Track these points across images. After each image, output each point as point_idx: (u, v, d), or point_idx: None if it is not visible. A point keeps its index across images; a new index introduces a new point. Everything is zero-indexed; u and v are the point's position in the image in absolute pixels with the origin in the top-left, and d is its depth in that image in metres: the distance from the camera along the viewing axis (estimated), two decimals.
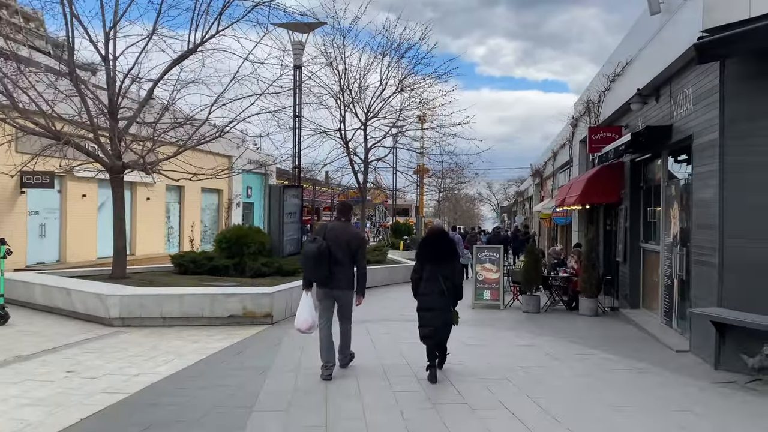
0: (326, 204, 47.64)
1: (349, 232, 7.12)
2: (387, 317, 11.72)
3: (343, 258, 6.93)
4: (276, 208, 17.12)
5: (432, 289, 7.01)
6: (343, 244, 6.92)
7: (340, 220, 7.31)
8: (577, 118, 17.62)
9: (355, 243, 7.03)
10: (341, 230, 7.06)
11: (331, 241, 6.88)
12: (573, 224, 18.32)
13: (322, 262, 6.80)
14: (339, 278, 6.95)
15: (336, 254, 6.87)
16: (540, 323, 11.29)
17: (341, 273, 6.94)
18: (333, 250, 6.86)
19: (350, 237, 7.04)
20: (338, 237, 6.94)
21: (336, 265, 6.89)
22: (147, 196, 25.82)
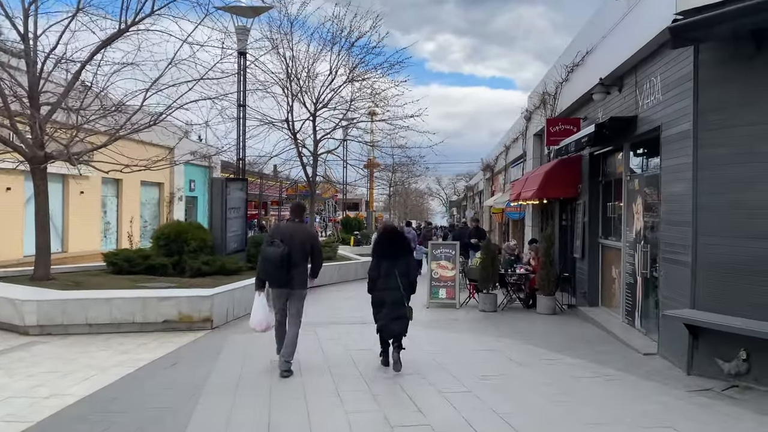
0: (274, 198, 46.43)
1: (303, 232, 7.24)
2: (337, 319, 10.98)
3: (299, 259, 7.05)
4: (218, 202, 16.10)
5: (388, 285, 7.22)
6: (298, 244, 7.03)
7: (293, 220, 7.42)
8: (532, 111, 17.23)
9: (309, 243, 7.20)
10: (295, 230, 7.18)
11: (288, 243, 6.96)
12: (527, 219, 17.97)
13: (283, 267, 6.91)
14: (294, 278, 7.09)
15: (293, 256, 6.97)
16: (499, 323, 10.76)
17: (297, 273, 7.09)
18: (291, 253, 6.94)
19: (305, 237, 7.18)
20: (293, 238, 7.04)
21: (292, 267, 7.00)
22: (81, 189, 24.27)
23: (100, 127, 13.34)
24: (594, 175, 11.76)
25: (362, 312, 11.77)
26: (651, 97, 8.38)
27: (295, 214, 7.50)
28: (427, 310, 12.30)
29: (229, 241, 16.17)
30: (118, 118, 12.85)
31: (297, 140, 19.39)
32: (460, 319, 11.30)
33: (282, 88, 18.88)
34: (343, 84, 19.51)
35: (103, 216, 26.61)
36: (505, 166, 24.02)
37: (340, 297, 14.45)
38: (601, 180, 11.64)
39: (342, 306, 12.90)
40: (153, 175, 30.52)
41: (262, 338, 9.22)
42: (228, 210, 16.15)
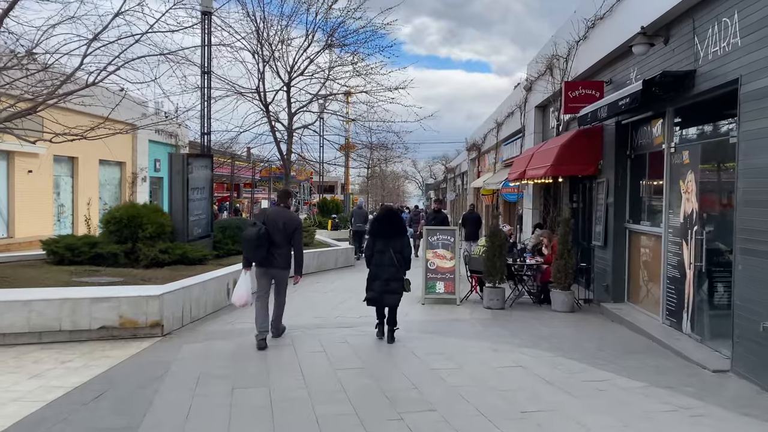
0: (247, 180, 44.09)
1: (285, 216, 7.69)
2: (318, 322, 9.07)
3: (281, 240, 7.54)
4: (179, 181, 13.99)
5: (382, 261, 7.75)
6: (280, 227, 7.51)
7: (279, 205, 8.01)
8: (533, 80, 15.38)
9: (291, 226, 7.60)
10: (278, 215, 7.69)
11: (270, 225, 7.49)
12: (525, 201, 16.21)
13: (261, 245, 7.42)
14: (276, 259, 7.60)
15: (274, 237, 7.49)
16: (512, 325, 8.97)
17: (278, 254, 7.58)
18: (271, 233, 7.47)
19: (286, 220, 7.61)
20: (276, 221, 7.54)
21: (274, 247, 7.51)
22: (28, 167, 21.87)
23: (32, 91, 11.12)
24: (621, 149, 9.97)
25: (349, 309, 10.02)
26: (722, 44, 6.56)
27: (281, 200, 8.09)
28: (422, 307, 10.47)
29: (191, 225, 14.11)
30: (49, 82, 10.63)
31: (269, 113, 17.28)
32: (465, 319, 9.47)
33: (252, 53, 16.73)
34: (321, 50, 17.42)
35: (55, 198, 24.22)
36: (496, 145, 22.21)
37: (321, 290, 12.54)
38: (630, 154, 9.85)
39: (324, 301, 11.00)
40: (113, 153, 28.09)
41: (223, 347, 7.33)
42: (190, 190, 14.08)
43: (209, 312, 9.61)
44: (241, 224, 16.06)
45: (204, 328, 8.55)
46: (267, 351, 7.20)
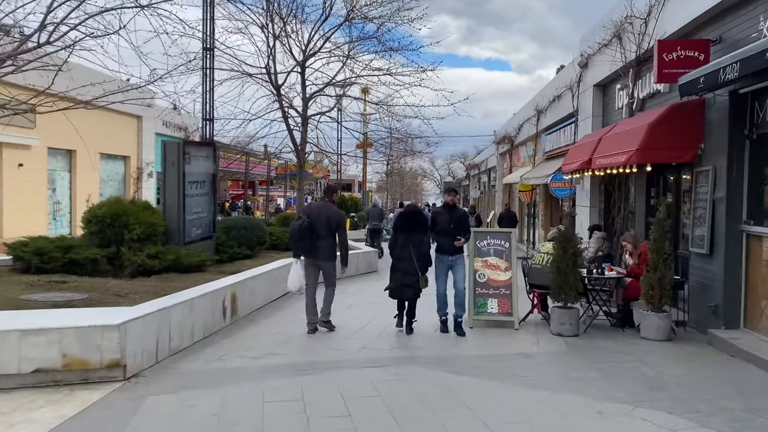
0: (262, 177, 42.03)
1: (329, 210, 8.18)
2: (337, 358, 6.75)
3: (325, 233, 8.00)
4: (174, 174, 11.80)
5: (402, 255, 8.10)
6: (324, 220, 8.01)
7: (324, 199, 8.67)
8: (590, 55, 12.98)
9: (334, 219, 8.09)
10: (322, 209, 8.24)
11: (314, 219, 8.02)
12: (580, 197, 13.82)
13: (303, 238, 7.93)
14: (321, 251, 8.05)
15: (318, 230, 7.97)
16: (599, 363, 6.61)
17: (322, 246, 8.02)
18: (315, 227, 7.96)
19: (329, 214, 8.11)
20: (320, 215, 8.08)
21: (318, 240, 7.97)
22: (19, 161, 19.91)
23: None
24: (737, 127, 7.57)
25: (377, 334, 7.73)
26: None
27: (326, 194, 8.67)
28: (471, 331, 8.16)
29: (189, 225, 11.93)
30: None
31: (281, 96, 15.05)
32: (533, 352, 7.12)
33: (261, 26, 14.50)
34: (341, 24, 15.16)
35: (50, 194, 22.24)
36: (535, 135, 19.79)
37: (340, 304, 10.23)
38: (751, 133, 7.44)
39: (343, 323, 8.72)
40: (116, 147, 26.13)
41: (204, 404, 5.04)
42: (188, 185, 11.91)
43: (198, 339, 7.40)
44: (248, 224, 13.83)
45: (185, 367, 6.32)
46: (264, 415, 4.93)
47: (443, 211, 8.47)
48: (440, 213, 8.50)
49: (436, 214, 8.54)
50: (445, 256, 8.22)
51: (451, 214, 8.31)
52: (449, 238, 8.09)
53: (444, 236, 8.17)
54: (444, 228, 8.19)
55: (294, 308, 9.82)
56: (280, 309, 9.74)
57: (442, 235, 8.19)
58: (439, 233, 8.25)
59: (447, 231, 8.14)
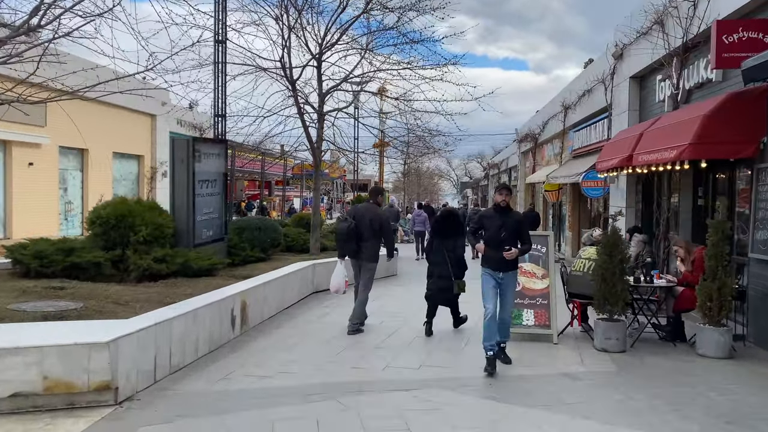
0: (279, 177, 41.44)
1: (372, 212, 8.30)
2: (358, 380, 5.93)
3: (368, 235, 8.12)
4: (183, 172, 11.14)
5: (437, 259, 8.09)
6: (367, 222, 8.14)
7: (369, 201, 8.77)
8: (627, 44, 12.10)
9: (377, 221, 8.18)
10: (367, 211, 8.37)
11: (359, 221, 8.18)
12: (614, 198, 12.93)
13: (349, 240, 8.11)
14: (364, 251, 8.16)
15: (362, 232, 8.11)
16: (658, 387, 5.77)
17: (365, 247, 8.15)
18: (360, 228, 8.13)
19: (373, 216, 8.22)
20: (364, 216, 8.23)
21: (362, 241, 8.11)
22: (29, 160, 19.41)
23: None
24: None
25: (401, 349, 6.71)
26: None
27: (371, 196, 8.91)
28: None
29: (199, 227, 11.27)
30: None
31: (296, 91, 14.31)
32: (578, 372, 6.29)
33: (275, 18, 13.77)
34: (359, 15, 14.37)
35: (62, 194, 21.75)
36: (562, 131, 18.88)
37: None
38: None
39: (362, 336, 7.96)
40: (130, 146, 25.60)
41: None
42: (198, 183, 11.25)
43: (203, 354, 6.68)
44: (262, 225, 13.11)
45: (186, 388, 5.59)
46: None
47: (494, 215, 6.73)
48: (490, 217, 6.80)
49: (484, 217, 6.89)
50: (493, 271, 6.57)
51: (504, 219, 6.61)
52: (499, 249, 6.49)
53: (492, 246, 6.55)
54: (493, 236, 6.57)
55: (307, 316, 9.10)
56: (293, 317, 9.00)
57: (491, 244, 6.58)
58: (486, 242, 6.63)
59: (497, 240, 6.54)
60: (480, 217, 6.98)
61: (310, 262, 11.59)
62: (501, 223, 6.56)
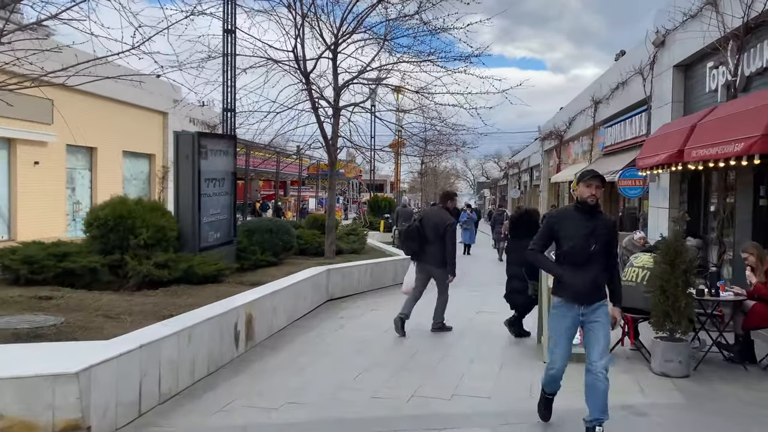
0: (294, 177, 40.71)
1: (437, 216, 8.15)
2: (381, 417, 4.98)
3: (433, 238, 7.91)
4: (188, 170, 10.33)
5: (510, 260, 8.07)
6: (432, 225, 7.97)
7: (437, 204, 9.29)
8: (670, 30, 11.07)
9: (441, 225, 7.90)
10: (433, 214, 8.41)
11: (425, 223, 8.06)
12: (655, 197, 11.89)
13: (408, 239, 8.14)
14: (429, 255, 7.98)
15: (427, 234, 7.95)
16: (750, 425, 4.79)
17: (430, 251, 7.96)
18: (425, 230, 7.98)
19: (437, 220, 8.01)
20: (430, 219, 8.13)
21: (427, 244, 7.95)
22: (35, 158, 18.75)
23: None
24: None
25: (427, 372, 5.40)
26: None
27: (441, 200, 8.78)
28: (543, 366, 6.39)
29: (205, 229, 10.44)
30: None
31: (311, 84, 13.42)
32: (641, 405, 5.29)
33: (287, 5, 12.88)
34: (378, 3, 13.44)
35: (69, 194, 21.08)
36: (592, 128, 17.84)
37: (376, 325, 8.49)
38: None
39: (383, 355, 7.02)
40: (140, 144, 24.92)
41: None
42: (204, 182, 10.42)
43: (200, 377, 5.79)
44: (274, 227, 12.22)
45: (174, 424, 4.69)
46: None
47: (576, 217, 4.51)
48: (569, 220, 4.55)
49: (560, 222, 4.60)
50: (571, 304, 4.47)
51: (593, 224, 4.44)
52: (584, 269, 4.37)
53: (574, 264, 4.41)
54: (577, 249, 4.41)
55: (321, 329, 8.19)
56: (306, 331, 8.10)
57: (572, 261, 4.43)
58: (564, 258, 4.51)
59: (584, 255, 4.39)
60: (552, 223, 4.63)
61: (325, 267, 10.69)
62: (589, 230, 4.39)
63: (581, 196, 4.56)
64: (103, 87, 20.63)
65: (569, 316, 4.52)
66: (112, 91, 21.21)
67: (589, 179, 4.49)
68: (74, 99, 20.07)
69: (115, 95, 21.76)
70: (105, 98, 21.61)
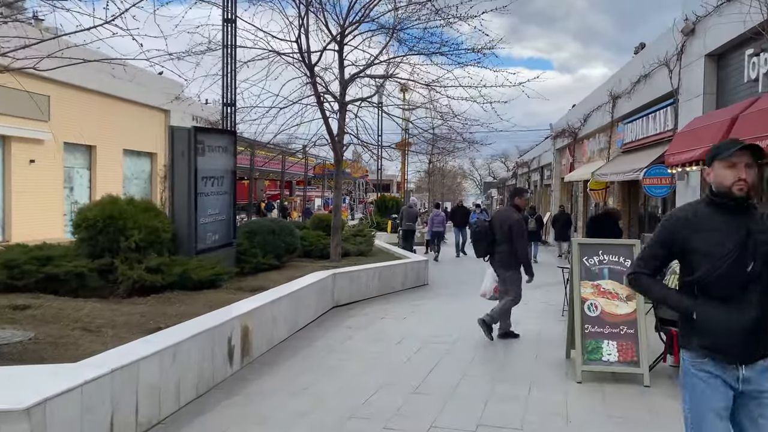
0: (299, 177, 40.07)
1: (504, 215, 7.80)
2: None
3: (501, 239, 7.58)
4: (183, 167, 9.68)
5: None
6: (498, 225, 7.65)
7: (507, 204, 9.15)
8: (702, 17, 10.28)
9: (507, 224, 7.56)
10: (501, 213, 8.08)
11: (494, 224, 7.75)
12: (684, 196, 11.10)
13: (477, 240, 7.84)
14: (497, 257, 7.66)
15: (496, 235, 7.62)
16: None
17: (498, 252, 7.62)
18: (494, 231, 7.66)
19: (503, 219, 7.67)
20: (498, 219, 7.78)
21: (496, 245, 7.62)
22: (30, 157, 18.12)
23: None
24: None
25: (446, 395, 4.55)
26: None
27: (511, 197, 8.64)
28: (580, 388, 5.65)
29: (202, 231, 9.78)
30: None
31: (315, 77, 12.69)
32: None
33: None
34: None
35: (67, 194, 20.43)
36: (610, 124, 17.04)
37: (386, 337, 7.76)
38: None
39: (394, 375, 6.28)
40: (141, 143, 24.27)
41: None
42: (201, 181, 9.76)
43: (188, 401, 5.07)
44: (276, 228, 11.50)
45: None
46: None
47: (714, 217, 2.79)
48: (703, 222, 2.79)
49: (693, 222, 2.81)
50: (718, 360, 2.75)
51: (745, 228, 2.72)
52: (737, 300, 2.70)
53: (719, 294, 2.72)
54: (722, 266, 2.70)
55: (326, 341, 7.45)
56: (309, 343, 7.36)
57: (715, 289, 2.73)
58: (705, 284, 2.74)
59: (734, 277, 2.70)
60: (674, 230, 2.85)
61: (330, 271, 9.97)
62: (741, 239, 2.72)
63: (721, 184, 2.75)
64: (102, 83, 20.20)
65: (716, 385, 2.75)
66: (111, 87, 20.62)
67: (735, 154, 2.70)
68: (72, 95, 19.49)
69: (114, 92, 21.15)
70: (104, 95, 21.00)
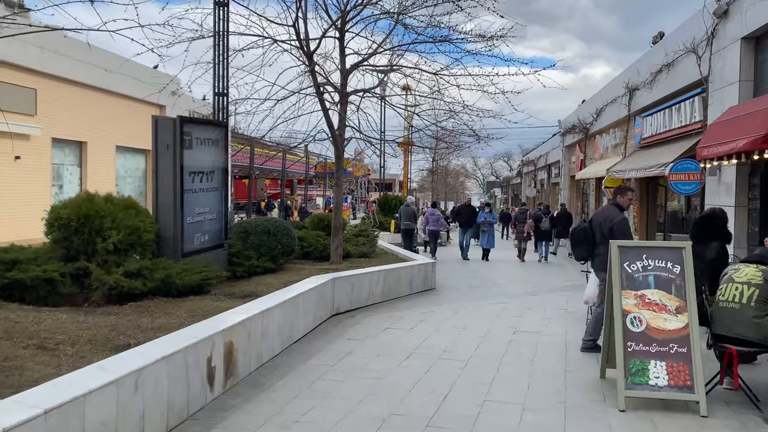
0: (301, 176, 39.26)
1: (603, 214, 7.13)
2: None
3: (599, 240, 6.95)
4: (168, 161, 8.83)
5: None
6: (598, 225, 7.00)
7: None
8: None
9: (606, 225, 6.90)
10: (601, 212, 7.41)
11: (594, 223, 7.10)
12: (714, 194, 10.19)
13: (576, 242, 7.14)
14: (595, 259, 7.02)
15: (596, 236, 6.99)
16: None
17: (596, 254, 6.99)
18: (593, 232, 7.01)
19: (603, 219, 7.03)
20: (598, 219, 7.10)
21: (595, 247, 6.99)
22: (15, 153, 17.20)
23: None
24: None
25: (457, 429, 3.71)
26: None
27: (613, 195, 7.36)
28: (622, 417, 4.75)
29: (189, 231, 8.93)
30: None
31: (314, 65, 11.78)
32: None
33: None
34: None
35: (56, 192, 19.53)
36: (627, 118, 16.11)
37: (395, 352, 6.85)
38: None
39: (399, 397, 5.39)
40: (136, 139, 23.40)
41: None
42: (188, 176, 8.91)
43: (169, 428, 4.19)
44: (272, 228, 10.59)
45: None
46: None
47: None
48: None
49: None
50: None
51: None
52: None
53: None
54: None
55: (324, 357, 6.54)
56: (305, 359, 6.44)
57: None
58: None
59: None
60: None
61: (330, 275, 9.08)
62: None
63: None
64: (94, 77, 19.32)
65: None
66: (103, 81, 19.78)
67: None
68: (61, 89, 18.66)
69: (106, 86, 20.30)
70: (95, 89, 20.13)
